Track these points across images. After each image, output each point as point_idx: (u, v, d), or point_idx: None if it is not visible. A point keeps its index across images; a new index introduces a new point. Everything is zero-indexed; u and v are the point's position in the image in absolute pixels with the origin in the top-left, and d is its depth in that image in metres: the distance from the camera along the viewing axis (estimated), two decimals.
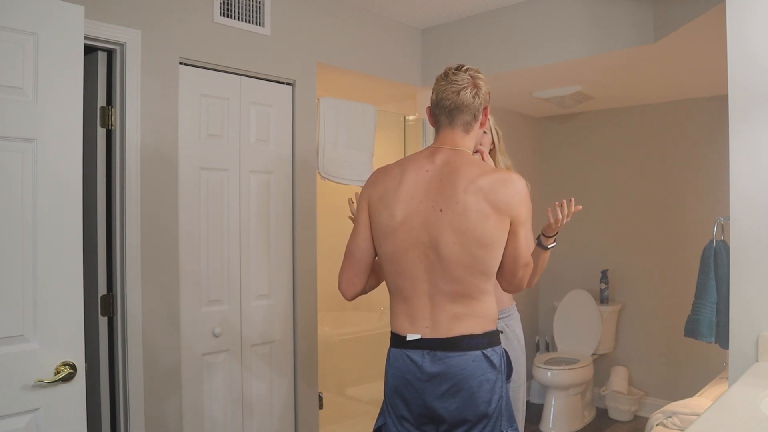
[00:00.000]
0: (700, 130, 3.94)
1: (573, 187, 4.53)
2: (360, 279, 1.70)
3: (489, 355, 1.57)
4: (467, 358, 1.56)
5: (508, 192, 1.55)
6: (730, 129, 1.77)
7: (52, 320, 1.67)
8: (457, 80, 1.61)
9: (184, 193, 2.47)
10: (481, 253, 1.54)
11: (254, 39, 2.69)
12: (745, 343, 1.73)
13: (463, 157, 1.61)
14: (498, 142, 2.13)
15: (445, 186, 1.57)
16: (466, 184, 1.55)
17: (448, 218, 1.54)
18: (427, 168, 1.61)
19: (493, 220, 1.54)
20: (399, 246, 1.59)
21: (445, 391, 1.56)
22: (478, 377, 1.55)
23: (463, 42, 3.40)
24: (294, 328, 2.87)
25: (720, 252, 2.62)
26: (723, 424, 1.24)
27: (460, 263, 1.55)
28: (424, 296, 1.59)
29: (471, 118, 1.64)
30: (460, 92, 1.61)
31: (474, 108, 1.63)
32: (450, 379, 1.56)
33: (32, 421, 1.62)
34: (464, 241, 1.53)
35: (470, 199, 1.53)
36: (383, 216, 1.62)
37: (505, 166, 2.13)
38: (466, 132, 1.65)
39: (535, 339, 4.64)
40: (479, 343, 1.57)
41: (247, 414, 2.69)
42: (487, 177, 1.56)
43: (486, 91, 1.66)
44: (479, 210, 1.53)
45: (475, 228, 1.53)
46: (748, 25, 1.74)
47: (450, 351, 1.56)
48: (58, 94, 1.70)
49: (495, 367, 1.58)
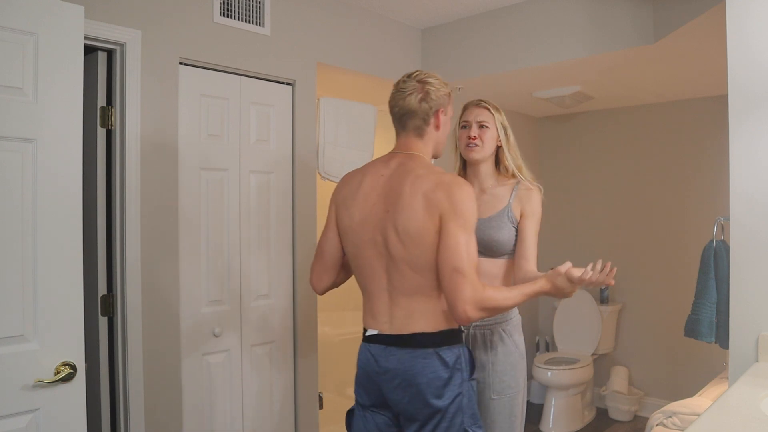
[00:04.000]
0: (700, 130, 3.94)
1: (573, 187, 4.54)
2: (328, 275, 1.82)
3: (441, 353, 1.62)
4: (416, 355, 1.62)
5: (444, 192, 1.59)
6: (730, 129, 1.77)
7: (52, 320, 1.67)
8: (404, 87, 1.70)
9: (184, 193, 2.47)
10: (417, 251, 1.60)
11: (254, 39, 2.69)
12: (745, 343, 1.73)
13: (414, 160, 1.69)
14: (506, 140, 2.04)
15: (394, 188, 1.65)
16: (410, 186, 1.62)
17: (392, 218, 1.63)
18: (382, 172, 1.71)
19: (424, 216, 1.59)
20: (359, 246, 1.70)
21: (396, 386, 1.65)
22: (428, 374, 1.61)
23: (463, 42, 3.40)
24: (294, 328, 2.87)
25: (720, 252, 2.62)
26: (723, 424, 1.24)
27: (404, 261, 1.62)
28: (383, 293, 1.68)
29: (421, 123, 1.70)
30: (406, 98, 1.69)
31: (422, 112, 1.69)
32: (399, 375, 1.64)
33: (32, 421, 1.62)
34: (404, 239, 1.61)
35: (410, 199, 1.61)
36: (345, 217, 1.74)
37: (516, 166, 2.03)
38: (419, 136, 1.72)
39: (535, 339, 4.65)
40: (431, 341, 1.62)
41: (247, 414, 2.69)
42: (429, 178, 1.62)
43: (441, 94, 1.71)
44: (415, 208, 1.60)
45: (408, 225, 1.60)
46: (748, 25, 1.74)
47: (402, 347, 1.64)
48: (58, 94, 1.70)
49: (448, 366, 1.62)
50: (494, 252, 1.95)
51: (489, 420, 1.93)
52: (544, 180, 4.70)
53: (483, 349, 1.95)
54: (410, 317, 1.64)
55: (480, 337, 1.96)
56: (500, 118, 2.04)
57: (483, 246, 1.96)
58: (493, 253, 1.96)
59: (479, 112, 2.03)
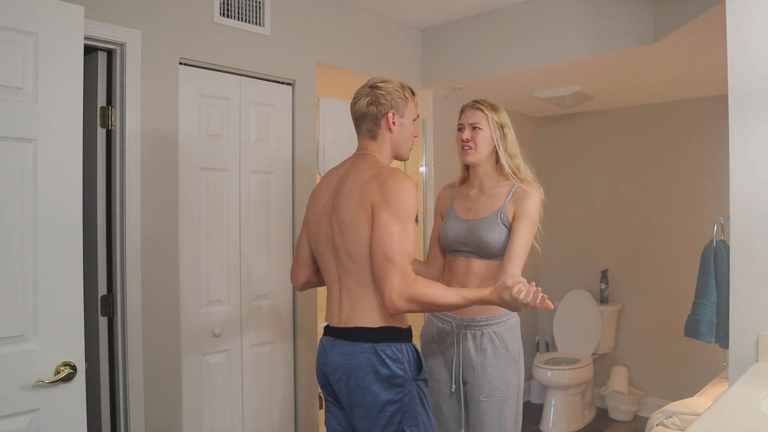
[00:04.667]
0: (700, 130, 3.94)
1: (573, 187, 4.54)
2: (302, 272, 1.92)
3: (380, 349, 1.63)
4: (355, 348, 1.65)
5: (377, 183, 1.64)
6: (729, 129, 1.77)
7: (52, 320, 1.67)
8: (357, 93, 1.80)
9: (184, 193, 2.47)
10: (352, 240, 1.65)
11: (254, 39, 2.69)
12: (745, 343, 1.73)
13: (364, 159, 1.77)
14: (502, 140, 1.99)
15: (340, 185, 1.74)
16: (351, 180, 1.71)
17: (336, 211, 1.71)
18: (339, 171, 1.81)
19: (357, 206, 1.65)
20: (317, 241, 1.79)
21: (338, 379, 1.69)
22: (365, 368, 1.63)
23: (463, 42, 3.40)
24: (294, 328, 2.87)
25: (720, 252, 2.62)
26: (723, 424, 1.24)
27: (345, 251, 1.68)
28: (335, 286, 1.75)
29: (372, 125, 1.78)
30: (357, 103, 1.79)
31: (371, 115, 1.77)
32: (340, 368, 1.68)
33: (32, 421, 1.62)
34: (342, 230, 1.68)
35: (349, 191, 1.69)
36: (308, 215, 1.86)
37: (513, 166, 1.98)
38: (372, 137, 1.79)
39: (535, 339, 4.65)
40: (370, 337, 1.65)
41: (247, 414, 2.69)
42: (368, 172, 1.69)
43: (392, 98, 1.76)
44: (351, 199, 1.67)
45: (345, 215, 1.67)
46: (748, 26, 1.74)
47: (345, 341, 1.68)
48: (58, 94, 1.70)
49: (385, 363, 1.62)
50: (486, 253, 1.94)
51: (478, 421, 1.93)
52: (544, 180, 4.66)
53: (473, 349, 1.94)
54: (354, 311, 1.68)
55: (470, 337, 1.95)
56: (496, 117, 2.00)
57: (474, 247, 1.95)
58: (486, 255, 1.94)
59: (472, 114, 2.01)
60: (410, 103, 1.81)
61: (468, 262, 1.97)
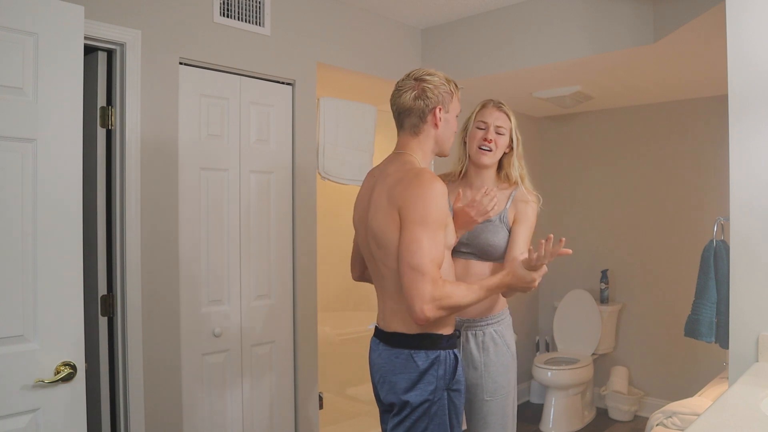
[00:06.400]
0: (700, 130, 3.94)
1: (573, 187, 4.54)
2: (356, 267, 1.93)
3: (415, 356, 1.62)
4: (392, 353, 1.65)
5: (402, 186, 1.56)
6: (729, 129, 1.77)
7: (52, 320, 1.67)
8: (401, 85, 1.70)
9: (184, 193, 2.47)
10: (385, 250, 1.61)
11: (254, 39, 2.69)
12: (745, 343, 1.73)
13: (398, 159, 1.69)
14: (517, 146, 2.02)
15: (373, 192, 1.69)
16: (380, 185, 1.65)
17: (369, 222, 1.67)
18: (375, 173, 1.76)
19: (385, 213, 1.59)
20: (360, 244, 1.77)
21: (378, 380, 1.72)
22: (398, 372, 1.63)
23: (463, 42, 3.40)
24: (294, 328, 2.87)
25: (720, 252, 2.62)
26: (723, 424, 1.24)
27: (380, 260, 1.65)
28: (379, 289, 1.73)
29: (417, 121, 1.68)
30: (401, 96, 1.68)
31: (417, 110, 1.66)
32: (378, 370, 1.71)
33: (32, 421, 1.62)
34: (375, 240, 1.64)
35: (378, 198, 1.64)
36: (353, 217, 1.81)
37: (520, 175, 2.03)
38: (414, 134, 1.70)
39: (535, 339, 4.65)
40: (405, 343, 1.63)
41: (247, 414, 2.69)
42: (395, 175, 1.62)
43: (439, 92, 1.68)
44: (379, 207, 1.62)
45: (374, 224, 1.63)
46: (748, 26, 1.74)
47: (385, 344, 1.69)
48: (58, 94, 1.70)
49: (419, 369, 1.60)
50: (489, 255, 1.95)
51: (482, 421, 1.93)
52: (544, 180, 4.71)
53: (476, 349, 1.94)
54: (392, 316, 1.67)
55: (472, 338, 1.95)
56: (515, 124, 2.02)
57: (479, 249, 1.96)
58: (488, 257, 1.96)
59: (498, 116, 2.00)
60: (455, 97, 1.73)
61: (467, 263, 1.97)
